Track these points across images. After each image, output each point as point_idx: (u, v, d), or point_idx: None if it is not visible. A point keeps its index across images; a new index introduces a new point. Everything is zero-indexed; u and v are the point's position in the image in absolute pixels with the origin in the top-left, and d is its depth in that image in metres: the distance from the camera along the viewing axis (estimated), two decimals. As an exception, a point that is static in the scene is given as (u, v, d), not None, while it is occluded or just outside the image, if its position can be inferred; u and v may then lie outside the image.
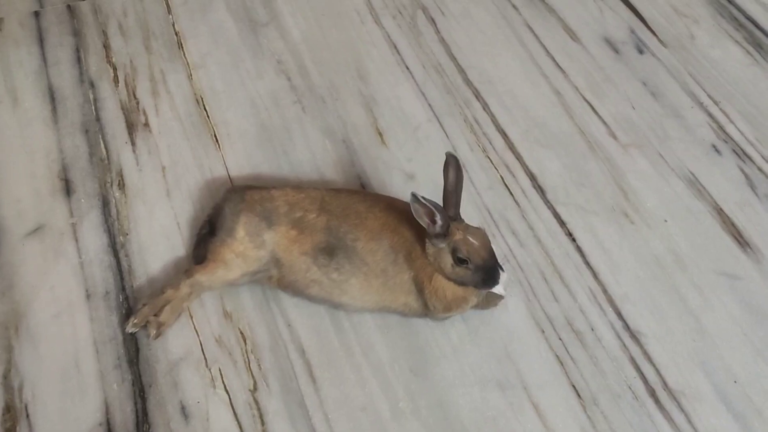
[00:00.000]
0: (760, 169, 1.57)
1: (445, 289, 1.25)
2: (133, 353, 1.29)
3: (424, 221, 1.20)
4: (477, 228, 1.23)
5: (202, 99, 1.67)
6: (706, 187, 1.55)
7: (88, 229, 1.44)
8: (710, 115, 1.67)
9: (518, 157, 1.60)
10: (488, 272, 1.22)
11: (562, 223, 1.49)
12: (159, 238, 1.43)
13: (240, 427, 1.21)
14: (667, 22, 1.87)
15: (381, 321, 1.33)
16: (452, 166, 1.20)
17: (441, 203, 1.21)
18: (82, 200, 1.48)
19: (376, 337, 1.32)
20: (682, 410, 1.25)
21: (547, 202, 1.53)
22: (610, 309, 1.37)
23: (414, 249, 1.26)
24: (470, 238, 1.21)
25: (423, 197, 1.15)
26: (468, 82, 1.74)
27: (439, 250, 1.22)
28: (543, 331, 1.34)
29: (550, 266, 1.43)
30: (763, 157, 1.59)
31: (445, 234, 1.20)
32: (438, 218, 1.18)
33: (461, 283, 1.24)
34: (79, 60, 1.73)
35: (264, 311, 1.34)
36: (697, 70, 1.76)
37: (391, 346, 1.31)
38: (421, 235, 1.25)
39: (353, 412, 1.24)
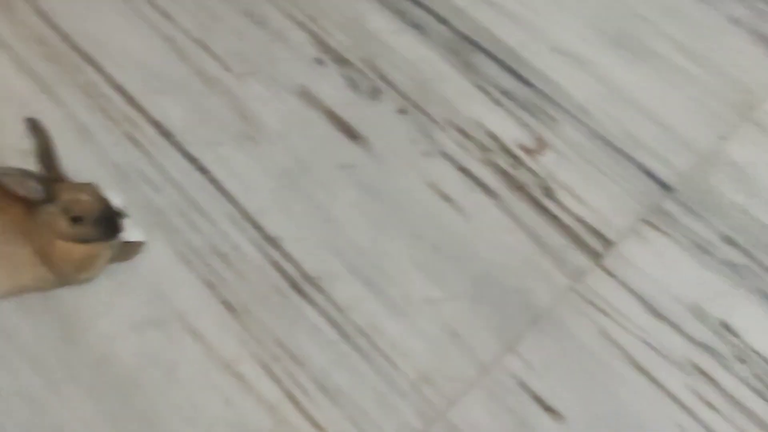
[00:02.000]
0: (359, 71, 1.76)
1: (70, 251, 1.25)
2: None
3: (21, 192, 1.18)
4: (85, 183, 1.24)
5: None
6: (317, 96, 1.69)
7: None
8: (310, 32, 1.82)
9: (140, 110, 1.62)
10: (108, 222, 1.24)
11: (192, 160, 1.55)
12: None
13: None
14: (258, -47, 1.98)
15: (20, 303, 1.30)
16: (33, 129, 1.19)
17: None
18: None
19: (17, 321, 1.29)
20: (322, 291, 1.39)
21: (175, 144, 1.57)
22: (249, 225, 1.47)
23: (27, 222, 1.24)
24: (78, 195, 1.21)
25: (2, 168, 1.12)
26: (75, 48, 1.71)
27: (51, 215, 1.21)
28: (189, 263, 1.40)
29: (187, 202, 1.48)
30: (359, 60, 1.78)
31: (51, 198, 1.20)
32: (33, 184, 1.16)
33: (85, 240, 1.25)
34: None
35: None
36: (292, -7, 1.90)
37: (37, 324, 1.29)
38: (30, 207, 1.23)
39: (7, 399, 1.21)
